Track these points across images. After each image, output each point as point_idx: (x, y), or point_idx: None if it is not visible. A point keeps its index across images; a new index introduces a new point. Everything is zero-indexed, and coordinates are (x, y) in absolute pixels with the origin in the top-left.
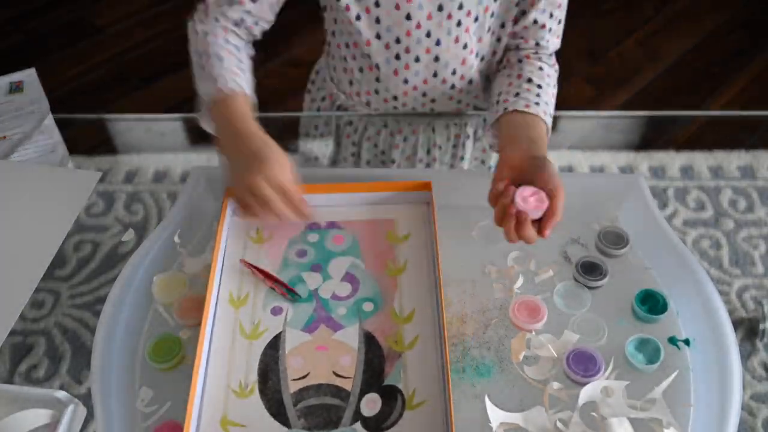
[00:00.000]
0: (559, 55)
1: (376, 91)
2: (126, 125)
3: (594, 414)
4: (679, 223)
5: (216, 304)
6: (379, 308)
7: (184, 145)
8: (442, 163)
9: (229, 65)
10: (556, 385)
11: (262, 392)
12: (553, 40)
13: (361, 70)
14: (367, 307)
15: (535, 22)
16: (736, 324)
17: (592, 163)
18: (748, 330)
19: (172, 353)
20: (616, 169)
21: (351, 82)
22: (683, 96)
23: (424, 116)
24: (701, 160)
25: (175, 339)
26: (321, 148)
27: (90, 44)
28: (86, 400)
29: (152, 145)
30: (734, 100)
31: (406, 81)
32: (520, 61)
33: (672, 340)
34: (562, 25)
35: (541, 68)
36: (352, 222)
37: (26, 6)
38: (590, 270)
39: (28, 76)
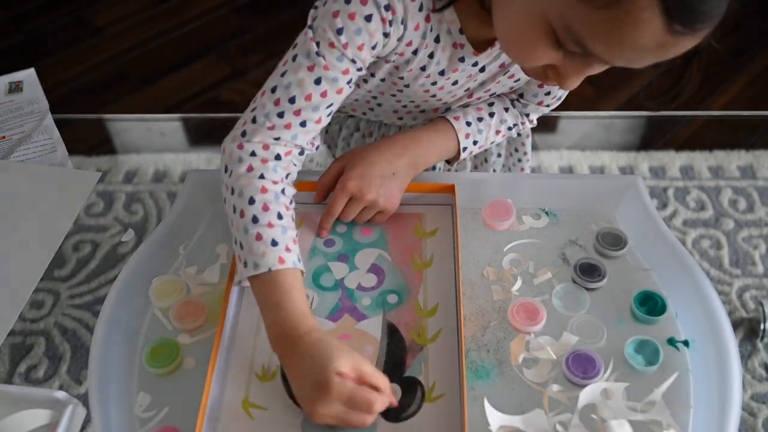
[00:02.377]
0: None
1: (363, 114)
2: (126, 125)
3: (594, 416)
4: (679, 223)
5: (242, 288)
6: (404, 301)
7: (183, 145)
8: None
9: (290, 230)
10: (555, 387)
11: (284, 377)
12: (533, 106)
13: (357, 100)
14: (392, 299)
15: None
16: (737, 324)
17: (592, 163)
18: (748, 330)
19: (171, 358)
20: (616, 169)
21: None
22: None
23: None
24: (701, 160)
25: (174, 343)
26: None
27: (90, 44)
28: (86, 400)
29: (152, 145)
30: (734, 100)
31: (401, 118)
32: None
33: (671, 342)
34: (548, 109)
35: (505, 108)
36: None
37: (26, 6)
38: (589, 271)
39: (28, 76)
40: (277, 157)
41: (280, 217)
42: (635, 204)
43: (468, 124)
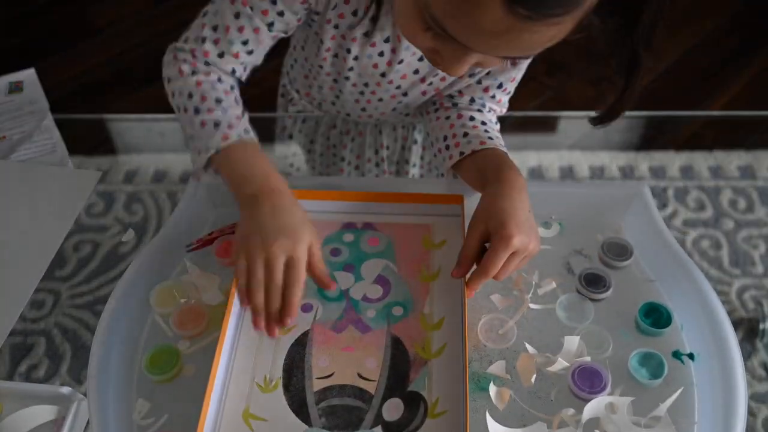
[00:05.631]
0: (560, 55)
1: (332, 103)
2: (126, 125)
3: (597, 431)
4: (679, 223)
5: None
6: (409, 313)
7: (183, 145)
8: (391, 163)
9: (231, 109)
10: (559, 400)
11: (286, 388)
12: (491, 107)
13: (321, 87)
14: (397, 311)
15: (479, 82)
16: (736, 324)
17: (592, 163)
18: (748, 330)
19: (170, 365)
20: (616, 169)
21: (309, 90)
22: (683, 96)
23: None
24: (701, 160)
25: (173, 350)
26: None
27: (90, 44)
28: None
29: (152, 145)
30: (734, 100)
31: (364, 109)
32: (454, 104)
33: (676, 354)
34: (506, 97)
35: (480, 110)
36: (389, 224)
37: (26, 6)
38: (593, 282)
39: (28, 76)
40: (206, 63)
41: (218, 101)
42: (641, 212)
43: (490, 138)
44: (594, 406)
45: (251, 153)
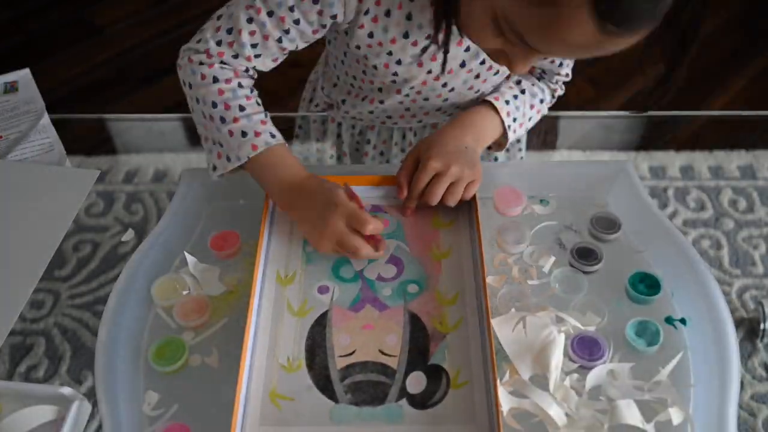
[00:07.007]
0: None
1: (370, 112)
2: (126, 125)
3: (602, 398)
4: (679, 223)
5: (263, 281)
6: (424, 290)
7: (183, 145)
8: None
9: (255, 115)
10: (561, 369)
11: (310, 368)
12: (559, 70)
13: (364, 98)
14: (412, 288)
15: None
16: (737, 324)
17: None
18: (748, 330)
19: (177, 356)
20: None
21: (348, 106)
22: (683, 96)
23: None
24: (701, 160)
25: (179, 341)
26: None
27: (90, 44)
28: (87, 398)
29: (152, 145)
30: (734, 100)
31: (408, 109)
32: None
33: (669, 320)
34: (567, 78)
35: (532, 84)
36: (397, 207)
37: (26, 6)
38: (585, 255)
39: (23, 76)
40: (222, 63)
41: (242, 109)
42: (625, 188)
43: (507, 102)
44: (596, 374)
45: (278, 156)
